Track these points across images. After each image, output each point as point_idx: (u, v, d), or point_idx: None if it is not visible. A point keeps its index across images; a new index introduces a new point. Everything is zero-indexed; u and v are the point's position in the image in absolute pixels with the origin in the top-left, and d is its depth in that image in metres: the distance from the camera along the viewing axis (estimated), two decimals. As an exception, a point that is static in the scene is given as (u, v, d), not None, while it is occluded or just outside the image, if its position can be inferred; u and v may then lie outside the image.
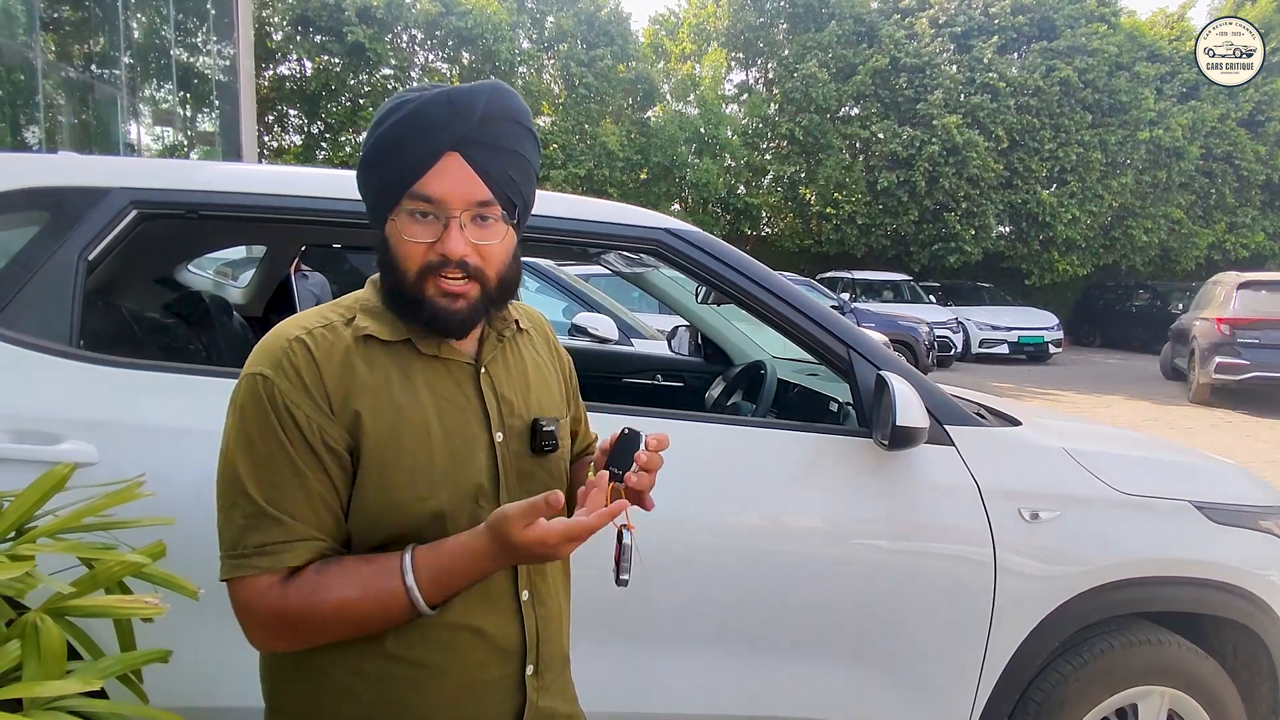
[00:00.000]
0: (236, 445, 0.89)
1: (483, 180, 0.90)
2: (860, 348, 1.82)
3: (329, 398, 0.90)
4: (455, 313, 0.92)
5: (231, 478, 0.89)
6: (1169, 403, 9.96)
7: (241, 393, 0.90)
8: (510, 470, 0.98)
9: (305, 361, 0.90)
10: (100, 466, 1.47)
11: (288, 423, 0.88)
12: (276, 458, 0.88)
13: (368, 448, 0.90)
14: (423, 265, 0.90)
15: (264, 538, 0.87)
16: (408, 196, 0.90)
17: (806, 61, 17.84)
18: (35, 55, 8.33)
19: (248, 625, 0.89)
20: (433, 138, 0.89)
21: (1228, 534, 1.90)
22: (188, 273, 3.10)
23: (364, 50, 15.74)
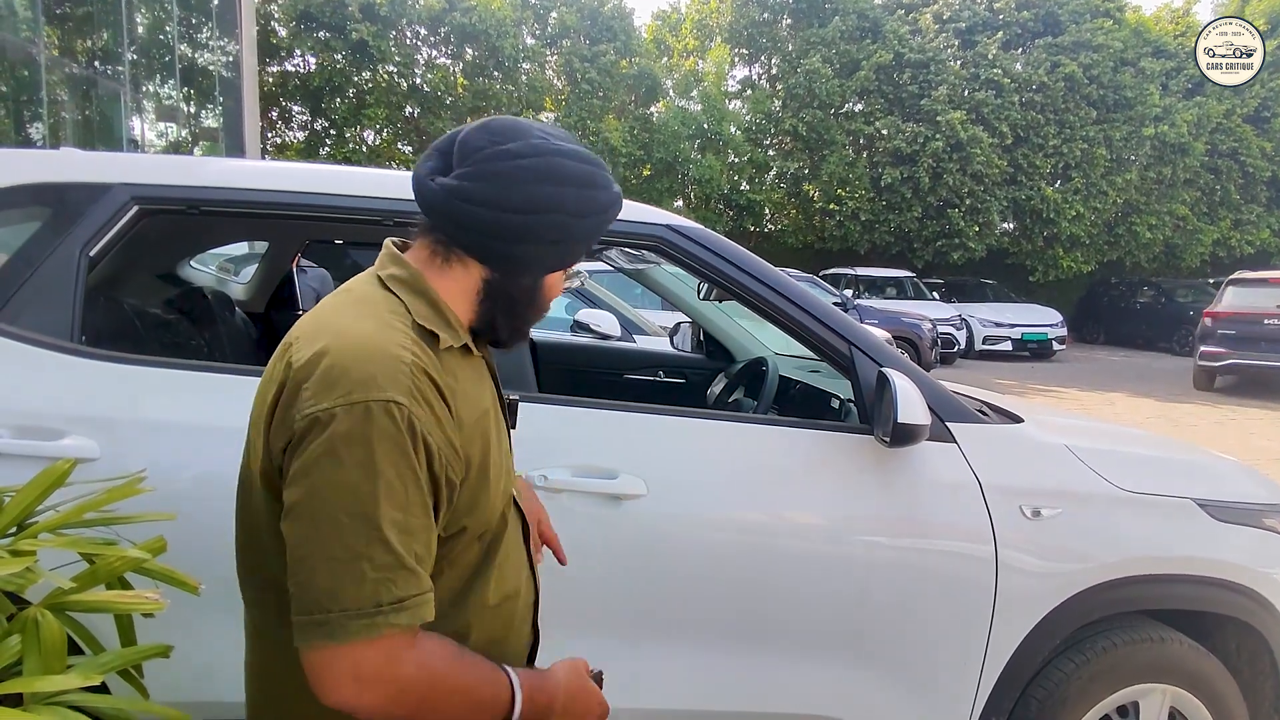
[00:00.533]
0: (366, 484, 0.77)
1: None
2: (862, 344, 1.82)
3: (452, 426, 0.86)
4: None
5: (356, 524, 0.76)
6: (1172, 400, 9.94)
7: (366, 421, 0.78)
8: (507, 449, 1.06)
9: (430, 389, 0.83)
10: (102, 462, 1.48)
11: (423, 457, 0.81)
12: (414, 500, 0.80)
13: (475, 461, 0.90)
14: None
15: (402, 592, 0.77)
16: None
17: (810, 57, 17.78)
18: (39, 51, 8.34)
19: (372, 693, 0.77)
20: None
21: (1231, 531, 1.90)
22: (190, 269, 3.11)
23: (367, 47, 15.73)
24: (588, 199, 0.92)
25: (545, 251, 0.93)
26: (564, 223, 0.91)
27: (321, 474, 0.78)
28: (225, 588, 1.56)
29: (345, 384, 0.79)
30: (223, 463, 1.57)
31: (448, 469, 0.84)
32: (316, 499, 0.78)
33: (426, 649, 0.81)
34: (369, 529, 0.77)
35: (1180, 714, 1.93)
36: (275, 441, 0.83)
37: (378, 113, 16.33)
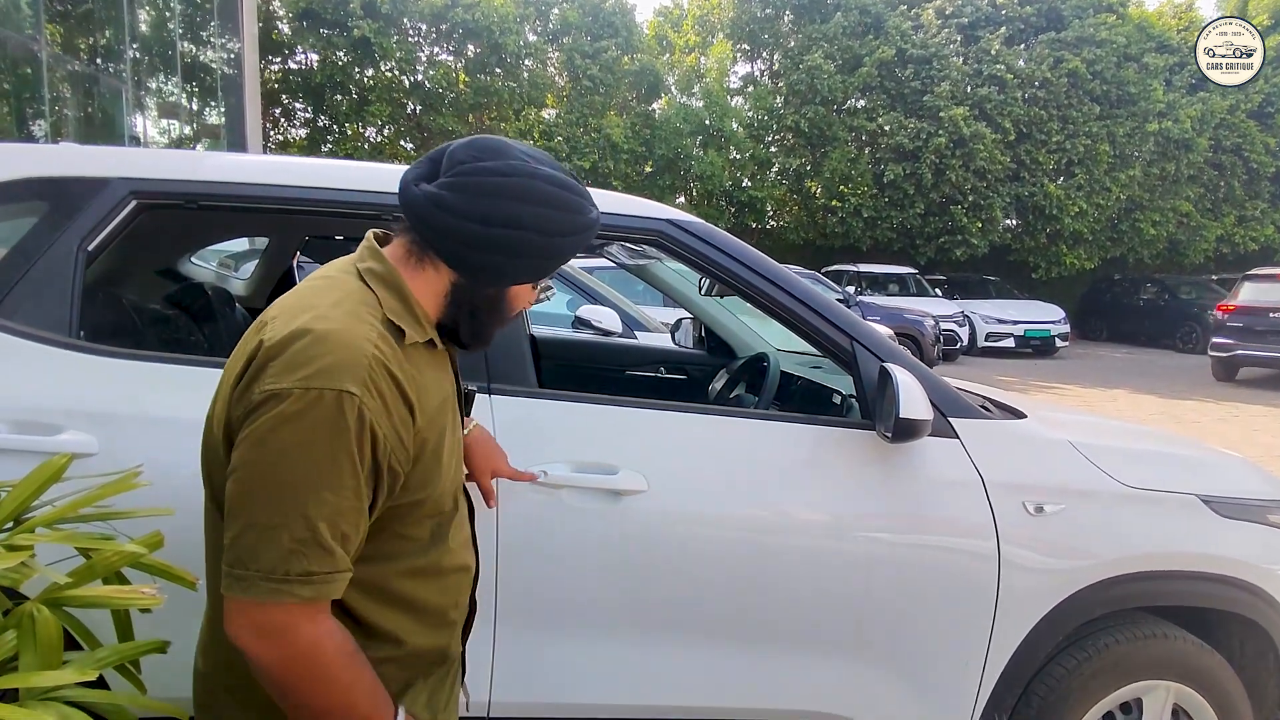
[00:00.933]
0: (299, 461, 0.84)
1: None
2: (864, 340, 1.81)
3: (410, 417, 0.93)
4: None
5: (282, 494, 0.84)
6: (1176, 396, 9.91)
7: (318, 407, 0.84)
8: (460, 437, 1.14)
9: (387, 381, 0.89)
10: (100, 457, 1.47)
11: (367, 447, 0.87)
12: (347, 484, 0.86)
13: (429, 448, 0.97)
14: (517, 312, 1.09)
15: (311, 566, 0.85)
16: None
17: (812, 53, 17.73)
18: (41, 48, 8.33)
19: (264, 648, 0.86)
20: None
21: (1234, 528, 1.89)
22: (191, 265, 3.10)
23: (369, 44, 15.70)
24: (557, 220, 0.98)
25: (511, 264, 0.99)
26: (531, 240, 0.97)
27: (265, 444, 0.84)
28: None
29: (307, 368, 0.85)
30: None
31: (391, 457, 0.90)
32: (256, 466, 0.85)
33: (325, 630, 0.88)
34: (295, 504, 0.84)
35: (1184, 710, 1.92)
36: (235, 410, 0.89)
37: (380, 109, 16.31)
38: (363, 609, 0.97)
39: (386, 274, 0.98)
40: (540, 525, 1.63)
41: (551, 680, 1.69)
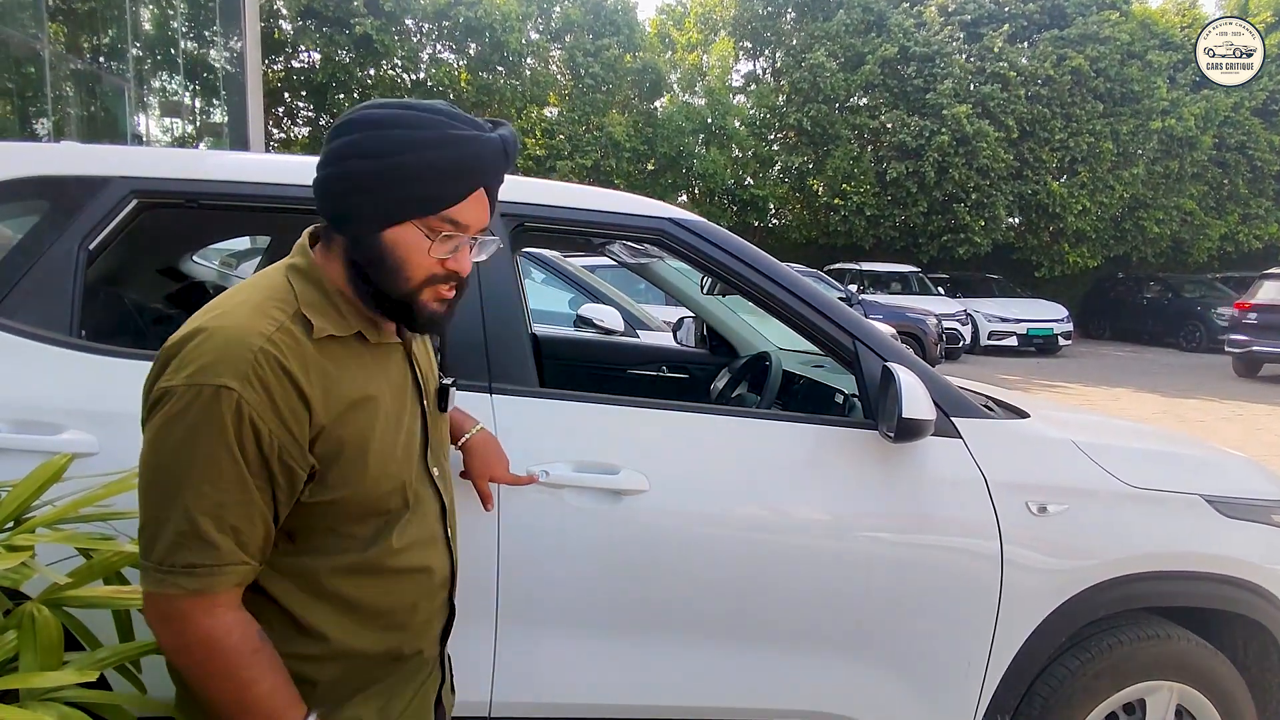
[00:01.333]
0: (180, 457, 0.85)
1: (491, 211, 1.00)
2: (866, 339, 1.80)
3: (307, 412, 0.90)
4: (444, 316, 1.00)
5: (168, 488, 0.86)
6: (1179, 395, 9.89)
7: (192, 402, 0.85)
8: (432, 432, 1.10)
9: (275, 376, 0.87)
10: (101, 457, 1.47)
11: (249, 441, 0.86)
12: (227, 478, 0.86)
13: (349, 445, 0.94)
14: (429, 276, 0.96)
15: (194, 559, 0.86)
16: (437, 218, 0.94)
17: (814, 51, 17.69)
18: (43, 47, 8.34)
19: (163, 634, 0.89)
20: (484, 178, 0.96)
21: (1238, 528, 1.88)
22: (192, 264, 3.10)
23: (371, 41, 15.70)
24: (394, 140, 0.91)
25: (366, 200, 0.92)
26: (368, 168, 0.91)
27: (155, 441, 0.87)
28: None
29: (193, 365, 0.86)
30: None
31: (282, 453, 0.89)
32: (147, 462, 0.87)
33: (222, 624, 0.88)
34: (177, 498, 0.85)
35: (1187, 711, 1.91)
36: (144, 408, 0.91)
37: (382, 108, 16.30)
38: (291, 602, 0.96)
39: (306, 268, 0.97)
40: (541, 525, 1.62)
41: (552, 680, 1.69)
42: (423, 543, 1.06)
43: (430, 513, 1.08)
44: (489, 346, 1.67)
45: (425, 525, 1.07)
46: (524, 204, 1.80)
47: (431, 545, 1.08)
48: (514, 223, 1.79)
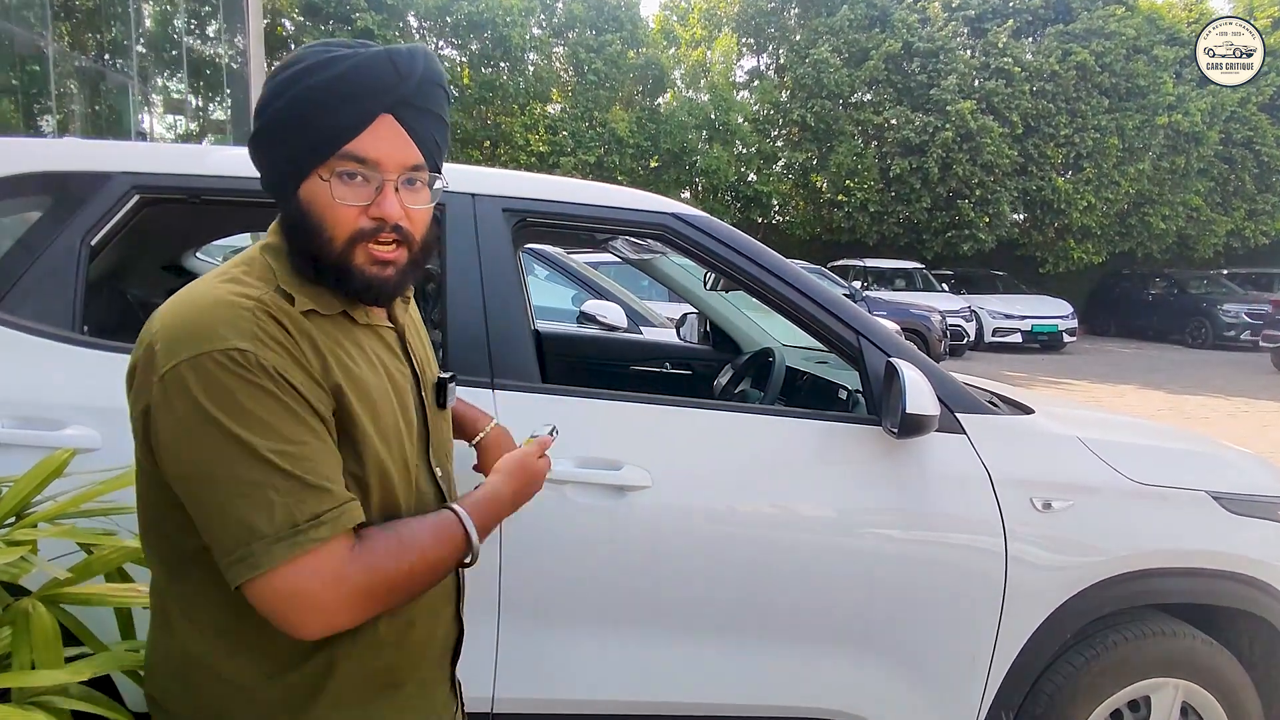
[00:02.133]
0: (240, 427, 0.77)
1: (415, 143, 0.89)
2: (870, 335, 1.79)
3: (312, 366, 0.84)
4: (387, 280, 0.90)
5: (245, 461, 0.77)
6: (1185, 392, 9.85)
7: (214, 373, 0.78)
8: (433, 429, 1.02)
9: (279, 332, 0.82)
10: (103, 452, 1.47)
11: (288, 390, 0.80)
12: (295, 429, 0.79)
13: (356, 415, 0.87)
14: (354, 231, 0.87)
15: (315, 508, 0.78)
16: (337, 157, 0.85)
17: (818, 47, 17.64)
18: (48, 45, 8.35)
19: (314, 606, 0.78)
20: (373, 98, 0.85)
21: (1244, 524, 1.87)
22: (196, 260, 3.10)
23: (372, 37, 15.70)
24: (279, 83, 0.86)
25: (268, 159, 0.89)
26: (264, 123, 0.87)
27: (198, 431, 0.77)
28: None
29: (191, 340, 0.79)
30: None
31: (317, 404, 0.83)
32: (204, 455, 0.78)
33: (366, 547, 0.82)
34: (260, 462, 0.77)
35: (1193, 708, 1.90)
36: (135, 405, 0.83)
37: (384, 104, 16.31)
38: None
39: (277, 243, 0.91)
40: (544, 520, 1.62)
41: (555, 676, 1.68)
42: None
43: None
44: (491, 342, 1.67)
45: None
46: (526, 199, 1.79)
47: None
48: (516, 218, 1.78)
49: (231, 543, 0.77)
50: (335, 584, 0.79)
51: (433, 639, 1.00)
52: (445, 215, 1.73)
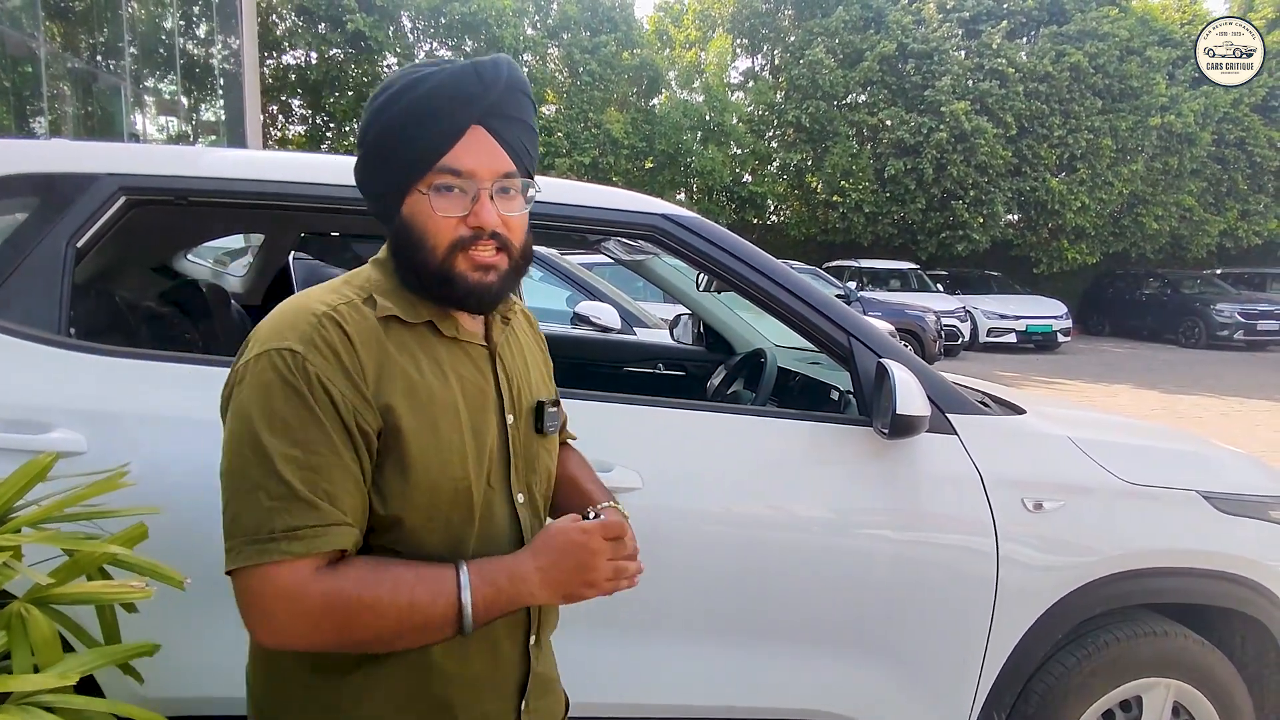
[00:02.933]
0: (262, 424, 0.82)
1: (505, 152, 0.91)
2: (861, 335, 1.79)
3: (365, 378, 0.86)
4: (489, 286, 0.92)
5: (254, 459, 0.81)
6: (1178, 392, 9.89)
7: (264, 369, 0.83)
8: (519, 451, 1.00)
9: (339, 339, 0.86)
10: (89, 456, 1.46)
11: (323, 400, 0.83)
12: (313, 437, 0.82)
13: (406, 430, 0.88)
14: (454, 240, 0.90)
15: (295, 521, 0.80)
16: (434, 171, 0.89)
17: (813, 48, 17.67)
18: (39, 46, 8.32)
19: (266, 614, 0.82)
20: (462, 111, 0.89)
21: (1236, 524, 1.87)
22: (186, 262, 3.09)
23: (365, 39, 15.67)
24: (374, 110, 0.92)
25: (371, 183, 0.95)
26: (366, 149, 0.93)
27: (234, 416, 0.85)
28: (216, 583, 1.56)
29: (260, 340, 0.86)
30: (214, 455, 1.56)
31: (357, 417, 0.85)
32: (229, 438, 0.85)
33: (339, 574, 0.83)
34: (264, 463, 0.81)
35: (1184, 708, 1.91)
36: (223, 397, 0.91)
37: (378, 106, 16.26)
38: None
39: (385, 258, 0.96)
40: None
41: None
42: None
43: (501, 544, 0.96)
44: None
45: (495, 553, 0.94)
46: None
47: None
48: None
49: (226, 531, 0.83)
50: (289, 601, 0.81)
51: (495, 673, 0.98)
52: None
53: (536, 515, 1.03)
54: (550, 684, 1.10)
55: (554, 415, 1.04)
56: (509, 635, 0.99)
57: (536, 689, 1.04)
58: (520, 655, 1.01)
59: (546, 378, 1.12)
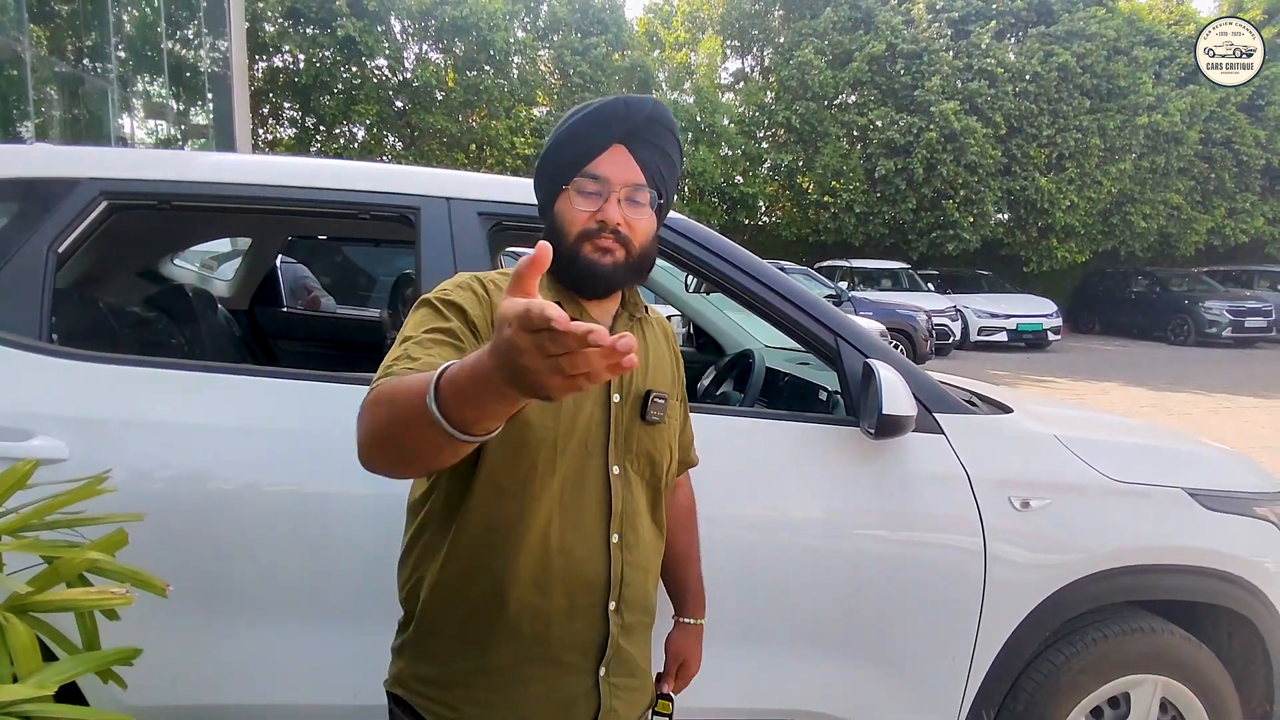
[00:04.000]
0: (407, 325, 1.04)
1: (640, 168, 1.10)
2: (848, 335, 1.79)
3: (489, 319, 1.04)
4: (604, 266, 1.09)
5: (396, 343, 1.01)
6: (1167, 389, 9.94)
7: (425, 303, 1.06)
8: (620, 430, 1.13)
9: (477, 288, 1.08)
10: (72, 462, 1.45)
11: (453, 308, 1.04)
12: (436, 324, 1.02)
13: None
14: (583, 229, 1.09)
15: (396, 368, 0.95)
16: (580, 175, 1.09)
17: (802, 49, 17.72)
18: (25, 49, 8.26)
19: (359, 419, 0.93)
20: (607, 129, 1.10)
21: (1221, 521, 1.88)
22: (173, 266, 3.07)
23: (355, 43, 15.62)
24: (553, 132, 1.15)
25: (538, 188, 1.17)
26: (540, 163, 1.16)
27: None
28: (200, 588, 1.55)
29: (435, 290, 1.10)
30: (199, 461, 1.55)
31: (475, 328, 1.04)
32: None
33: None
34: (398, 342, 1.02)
35: (1172, 704, 1.91)
36: None
37: (367, 109, 16.22)
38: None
39: None
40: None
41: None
42: (560, 524, 1.08)
43: (590, 507, 1.10)
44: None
45: (576, 514, 1.09)
46: (501, 203, 1.78)
47: (576, 533, 1.09)
48: (492, 222, 1.77)
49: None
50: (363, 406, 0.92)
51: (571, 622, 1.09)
52: (420, 220, 1.72)
53: (629, 489, 1.14)
54: (636, 667, 1.18)
55: (660, 406, 1.16)
56: (589, 586, 1.09)
57: (617, 661, 1.13)
58: (600, 615, 1.11)
59: (670, 381, 1.23)
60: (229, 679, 1.58)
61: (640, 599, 1.17)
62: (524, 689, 1.09)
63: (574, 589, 1.09)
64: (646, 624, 1.21)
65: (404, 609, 1.16)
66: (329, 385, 1.62)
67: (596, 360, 0.67)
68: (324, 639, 1.59)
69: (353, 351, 3.40)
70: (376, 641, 1.22)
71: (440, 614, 1.10)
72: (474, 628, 1.08)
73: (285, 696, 1.59)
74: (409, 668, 1.12)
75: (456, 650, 1.09)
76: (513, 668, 1.08)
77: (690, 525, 1.41)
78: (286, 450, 1.58)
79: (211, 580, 1.56)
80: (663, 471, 1.18)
